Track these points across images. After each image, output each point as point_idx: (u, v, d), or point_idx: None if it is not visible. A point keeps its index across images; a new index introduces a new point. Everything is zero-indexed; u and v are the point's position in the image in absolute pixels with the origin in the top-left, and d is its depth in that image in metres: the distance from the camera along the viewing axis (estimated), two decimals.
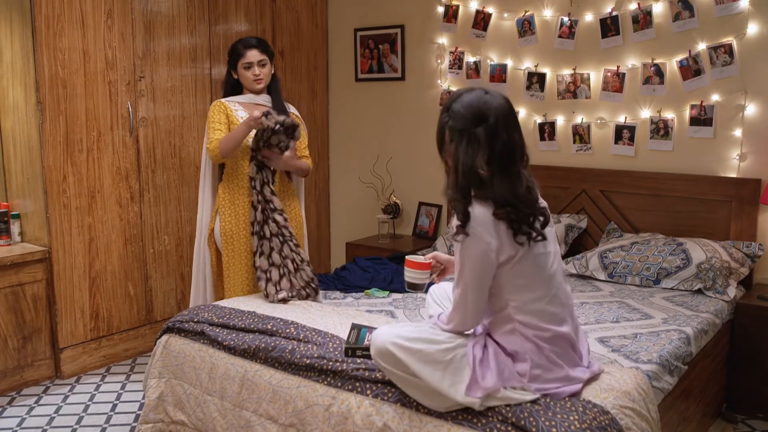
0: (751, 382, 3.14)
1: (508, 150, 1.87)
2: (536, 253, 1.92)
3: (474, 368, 1.89)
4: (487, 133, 1.86)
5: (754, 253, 3.35)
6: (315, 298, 3.07)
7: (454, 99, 1.93)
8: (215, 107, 3.21)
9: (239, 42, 3.20)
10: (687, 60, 3.55)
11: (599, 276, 3.44)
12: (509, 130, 1.88)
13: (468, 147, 1.86)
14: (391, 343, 1.90)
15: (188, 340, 2.66)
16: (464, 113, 1.88)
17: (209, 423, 2.49)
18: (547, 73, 4.02)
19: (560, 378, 1.97)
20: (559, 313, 1.96)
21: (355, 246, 4.47)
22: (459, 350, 1.92)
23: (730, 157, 3.51)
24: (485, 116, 1.86)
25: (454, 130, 1.89)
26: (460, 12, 4.30)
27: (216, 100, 3.24)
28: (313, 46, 4.89)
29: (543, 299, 1.93)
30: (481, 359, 1.92)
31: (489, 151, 1.86)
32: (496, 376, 1.89)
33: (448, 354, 1.90)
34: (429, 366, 1.88)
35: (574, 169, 3.95)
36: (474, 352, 1.92)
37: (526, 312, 1.93)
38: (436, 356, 1.89)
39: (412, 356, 1.88)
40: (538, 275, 1.93)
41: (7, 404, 3.31)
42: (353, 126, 4.97)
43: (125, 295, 3.84)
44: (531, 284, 1.92)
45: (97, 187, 3.66)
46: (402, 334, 1.93)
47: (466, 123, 1.87)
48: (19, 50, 3.44)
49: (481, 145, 1.86)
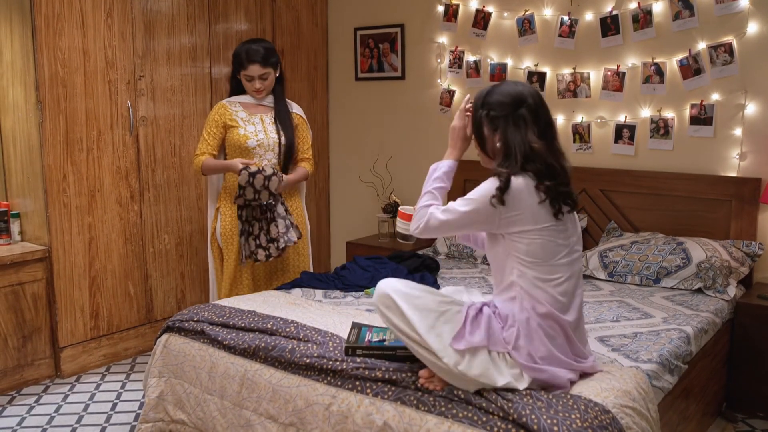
0: (751, 382, 3.14)
1: (550, 124, 2.09)
2: (549, 241, 2.01)
3: (465, 323, 1.98)
4: (531, 111, 2.05)
5: (754, 253, 3.35)
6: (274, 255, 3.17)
7: (486, 94, 2.11)
8: (215, 111, 3.25)
9: (244, 51, 3.18)
10: (687, 59, 3.55)
11: (599, 275, 3.44)
12: (546, 108, 2.10)
13: (516, 127, 2.04)
14: (393, 288, 2.00)
15: (188, 339, 2.66)
16: (504, 100, 2.07)
17: (209, 422, 2.49)
18: (547, 73, 4.02)
19: (544, 357, 2.00)
20: (560, 300, 2.03)
21: (355, 245, 4.46)
22: (455, 306, 2.02)
23: (730, 157, 3.51)
24: (524, 98, 2.06)
25: (497, 119, 2.07)
26: (460, 11, 4.30)
27: (219, 102, 3.28)
28: (313, 46, 4.89)
29: (547, 282, 2.01)
30: (474, 318, 2.00)
31: (536, 128, 2.05)
32: (484, 335, 1.96)
33: (443, 306, 2.00)
34: (421, 313, 1.97)
35: (574, 169, 3.81)
36: (469, 311, 2.01)
37: (529, 283, 2.02)
38: (431, 305, 1.98)
39: (408, 302, 1.97)
40: (542, 259, 2.01)
41: (7, 403, 3.31)
42: (353, 125, 4.97)
43: (125, 295, 3.84)
44: (536, 264, 2.01)
45: (97, 187, 3.66)
46: (406, 283, 2.05)
47: (508, 108, 2.05)
48: (19, 49, 3.44)
49: (528, 123, 2.04)
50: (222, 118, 3.22)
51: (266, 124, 3.26)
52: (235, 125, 3.20)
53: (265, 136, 3.23)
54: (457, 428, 1.90)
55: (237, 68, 3.22)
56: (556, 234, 2.03)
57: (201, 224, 4.18)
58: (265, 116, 3.28)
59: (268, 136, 3.23)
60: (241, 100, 3.27)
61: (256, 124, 3.24)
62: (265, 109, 3.31)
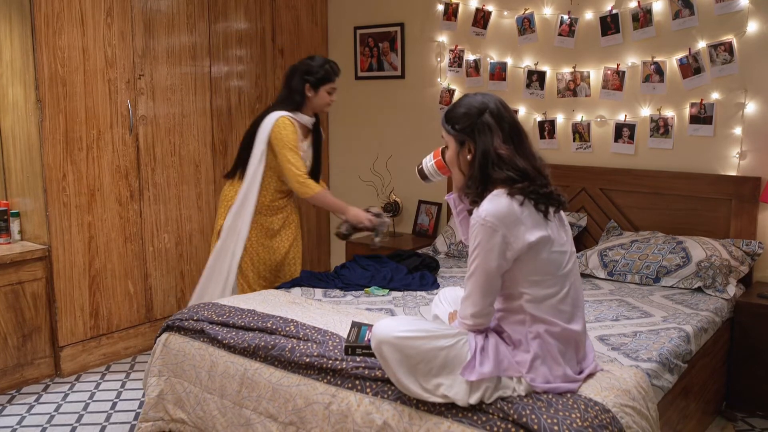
0: (751, 380, 3.14)
1: (515, 127, 2.03)
2: (551, 251, 1.95)
3: (474, 354, 1.92)
4: (494, 117, 2.00)
5: (753, 252, 3.35)
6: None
7: (447, 112, 2.08)
8: (291, 127, 3.16)
9: (329, 65, 3.23)
10: (687, 58, 3.55)
11: (599, 274, 3.44)
12: (509, 111, 2.04)
13: (482, 135, 1.99)
14: (393, 336, 1.93)
15: (188, 338, 2.66)
16: (465, 111, 2.02)
17: (209, 421, 2.49)
18: (547, 72, 4.02)
19: (558, 376, 1.98)
20: (569, 311, 1.99)
21: (354, 244, 4.46)
22: (461, 337, 1.95)
23: (730, 155, 3.51)
24: (485, 105, 2.01)
25: (462, 132, 2.02)
26: (460, 10, 4.30)
27: (285, 116, 3.17)
28: (312, 45, 4.89)
29: (555, 296, 1.96)
30: (482, 348, 1.95)
31: (501, 132, 1.99)
32: (493, 365, 1.92)
33: (449, 340, 1.93)
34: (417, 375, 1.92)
35: (574, 168, 3.95)
36: (476, 341, 1.95)
37: (538, 306, 1.96)
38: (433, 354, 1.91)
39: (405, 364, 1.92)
40: (552, 273, 1.96)
41: (7, 402, 3.31)
42: (353, 124, 4.97)
43: (125, 294, 3.84)
44: (545, 281, 1.95)
45: (97, 186, 3.66)
46: (403, 326, 1.96)
47: (471, 118, 2.01)
48: (19, 48, 3.44)
49: (492, 128, 1.99)
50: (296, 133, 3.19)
51: (310, 150, 3.33)
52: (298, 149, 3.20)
53: (310, 163, 3.31)
54: (457, 428, 1.90)
55: (320, 80, 3.20)
56: (555, 240, 1.97)
57: (201, 223, 4.18)
58: (309, 140, 3.33)
59: (309, 162, 3.31)
60: (298, 120, 3.24)
61: (306, 151, 3.29)
62: (308, 132, 3.34)
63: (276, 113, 3.18)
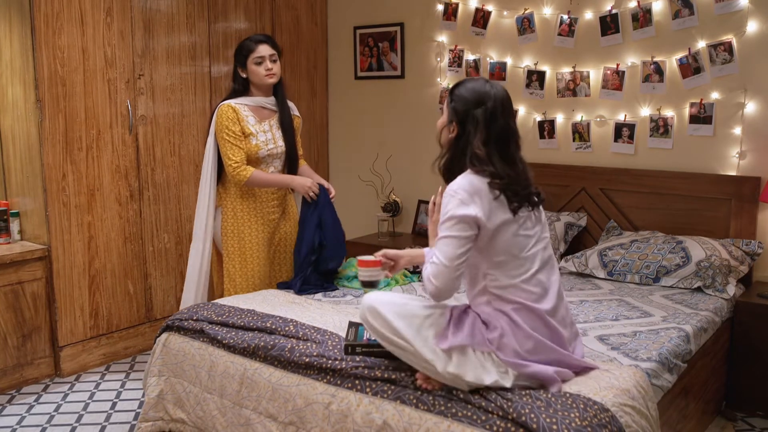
0: (751, 380, 3.14)
1: (504, 134, 2.05)
2: (516, 234, 2.02)
3: (449, 324, 2.00)
4: (486, 116, 2.03)
5: (753, 251, 3.35)
6: None
7: (458, 84, 2.12)
8: (227, 114, 3.11)
9: (247, 39, 3.19)
10: (687, 58, 3.55)
11: (599, 274, 3.44)
12: (506, 117, 2.06)
13: (467, 125, 2.04)
14: (377, 299, 2.02)
15: (188, 338, 2.66)
16: (466, 96, 2.07)
17: (209, 421, 2.49)
18: (547, 71, 4.02)
19: (531, 350, 2.00)
20: (538, 292, 2.03)
21: (354, 244, 4.46)
22: (439, 309, 2.04)
23: (730, 155, 3.51)
24: (484, 100, 2.04)
25: (455, 111, 2.07)
26: (460, 10, 4.30)
27: (225, 104, 3.14)
28: (312, 44, 4.89)
29: (518, 277, 2.02)
30: (458, 319, 2.03)
31: (486, 133, 2.02)
32: (467, 336, 1.97)
33: (428, 310, 2.02)
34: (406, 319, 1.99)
35: (574, 167, 3.95)
36: (453, 312, 2.04)
37: (504, 289, 2.02)
38: (416, 311, 2.01)
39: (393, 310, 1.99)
40: (515, 255, 2.02)
41: (6, 402, 3.31)
42: (353, 124, 4.97)
43: (125, 294, 3.84)
44: (507, 262, 2.02)
45: (97, 185, 3.66)
46: (390, 294, 2.10)
47: (467, 104, 2.05)
48: (18, 48, 3.44)
49: (478, 126, 2.02)
50: (238, 120, 3.13)
51: (274, 131, 3.24)
52: (250, 133, 3.15)
53: (274, 146, 3.23)
54: (457, 427, 1.90)
55: (244, 57, 3.14)
56: (520, 225, 2.03)
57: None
58: (272, 121, 3.25)
59: (276, 144, 3.23)
60: (248, 103, 3.19)
61: (266, 132, 3.21)
62: (270, 114, 3.25)
63: (219, 104, 3.18)
